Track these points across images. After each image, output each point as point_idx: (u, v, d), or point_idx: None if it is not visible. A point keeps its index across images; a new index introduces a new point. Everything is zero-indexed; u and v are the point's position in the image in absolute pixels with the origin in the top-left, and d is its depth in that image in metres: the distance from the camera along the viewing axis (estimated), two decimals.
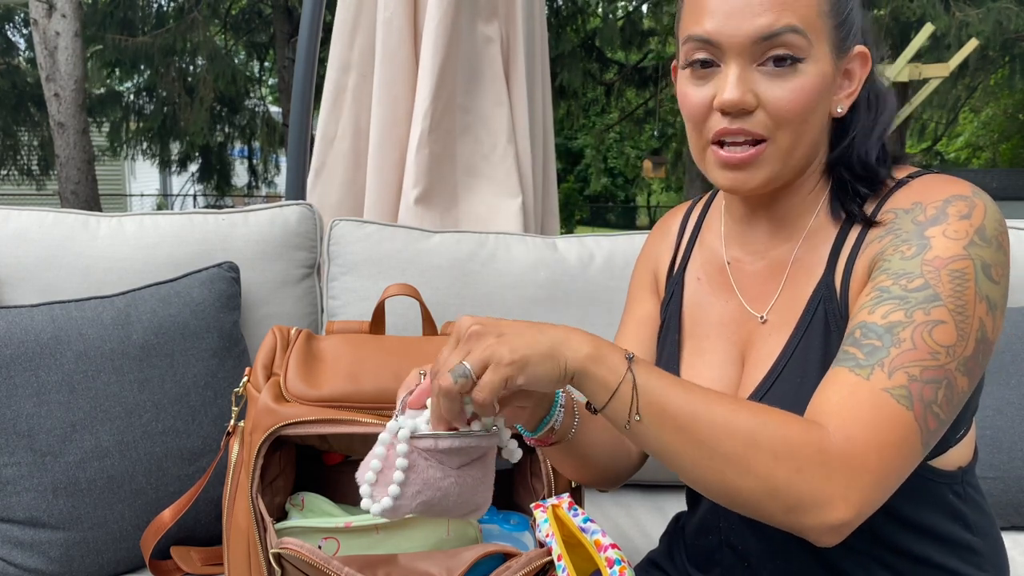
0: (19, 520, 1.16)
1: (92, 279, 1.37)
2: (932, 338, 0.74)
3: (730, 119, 0.81)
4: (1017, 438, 1.34)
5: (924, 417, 0.73)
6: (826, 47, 0.81)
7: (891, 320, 0.75)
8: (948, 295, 0.75)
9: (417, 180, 1.70)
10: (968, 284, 0.75)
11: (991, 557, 0.88)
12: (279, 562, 0.98)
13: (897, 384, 0.73)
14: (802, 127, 0.81)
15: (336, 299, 1.49)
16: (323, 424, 1.03)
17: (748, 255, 0.93)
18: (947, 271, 0.75)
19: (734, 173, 0.84)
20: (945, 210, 0.78)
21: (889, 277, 0.78)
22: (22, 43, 10.28)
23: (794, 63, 0.79)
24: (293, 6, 9.29)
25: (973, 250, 0.76)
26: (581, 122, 13.52)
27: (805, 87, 0.80)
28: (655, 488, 1.53)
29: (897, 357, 0.73)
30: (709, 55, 0.82)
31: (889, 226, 0.81)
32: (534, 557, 0.94)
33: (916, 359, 0.73)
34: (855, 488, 0.70)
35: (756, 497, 0.71)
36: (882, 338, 0.75)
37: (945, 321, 0.74)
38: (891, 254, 0.79)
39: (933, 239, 0.77)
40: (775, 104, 0.80)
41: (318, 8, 1.80)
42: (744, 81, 0.80)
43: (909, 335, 0.74)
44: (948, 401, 0.74)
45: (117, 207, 14.07)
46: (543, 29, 1.93)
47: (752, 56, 0.80)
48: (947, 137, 14.29)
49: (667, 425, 0.72)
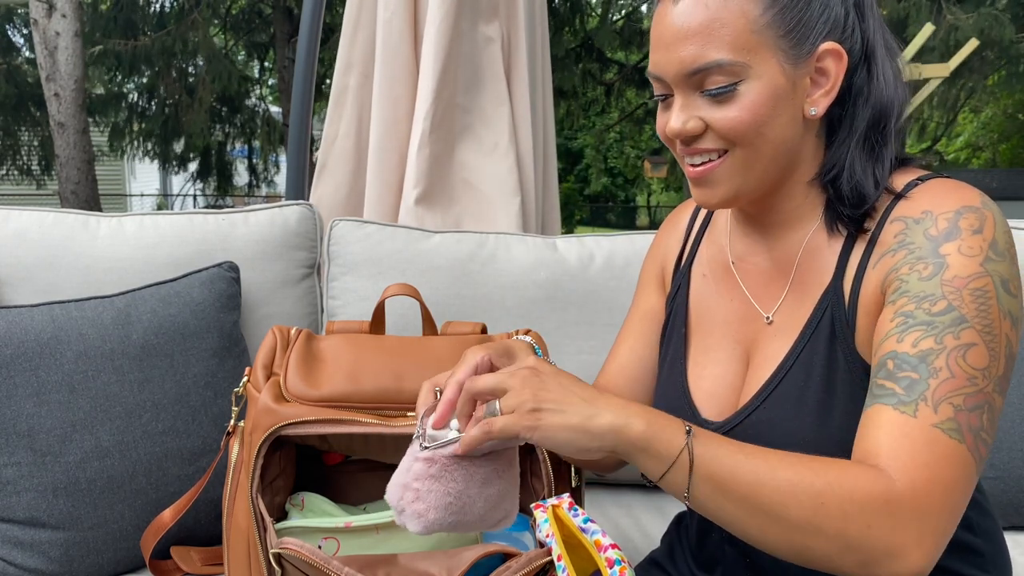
0: (19, 520, 1.16)
1: (92, 279, 1.37)
2: (967, 363, 0.74)
3: (683, 145, 0.85)
4: (1017, 438, 1.34)
5: (976, 447, 0.74)
6: (772, 60, 0.80)
7: (922, 348, 0.75)
8: (973, 315, 0.75)
9: (418, 180, 1.70)
10: (991, 303, 0.75)
11: (994, 559, 0.88)
12: (279, 562, 0.98)
13: (945, 418, 0.73)
14: (756, 139, 0.81)
15: (336, 299, 1.49)
16: (323, 424, 1.03)
17: (753, 254, 0.94)
18: (968, 291, 0.75)
19: (699, 189, 0.86)
20: (957, 223, 0.78)
21: (911, 301, 0.77)
22: (22, 43, 10.28)
23: (731, 88, 0.80)
24: (293, 6, 9.29)
25: (990, 266, 0.76)
26: (581, 122, 13.51)
27: (747, 106, 0.80)
28: (655, 488, 1.53)
29: (938, 388, 0.73)
30: (662, 89, 0.85)
31: (900, 238, 0.80)
32: (534, 557, 0.94)
33: (956, 388, 0.73)
34: (927, 533, 0.71)
35: (829, 556, 0.71)
36: (917, 369, 0.74)
37: (976, 344, 0.74)
38: (907, 273, 0.78)
39: (949, 256, 0.77)
40: (720, 126, 0.81)
41: (318, 8, 1.80)
42: (687, 109, 0.83)
43: (944, 363, 0.74)
44: (991, 424, 0.75)
45: (117, 207, 14.07)
46: (544, 29, 1.93)
47: (691, 85, 0.82)
48: (947, 137, 14.29)
49: (730, 495, 0.72)
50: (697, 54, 0.79)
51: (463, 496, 0.74)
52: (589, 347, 1.46)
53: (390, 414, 1.06)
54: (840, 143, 0.85)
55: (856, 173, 0.84)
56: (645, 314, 1.06)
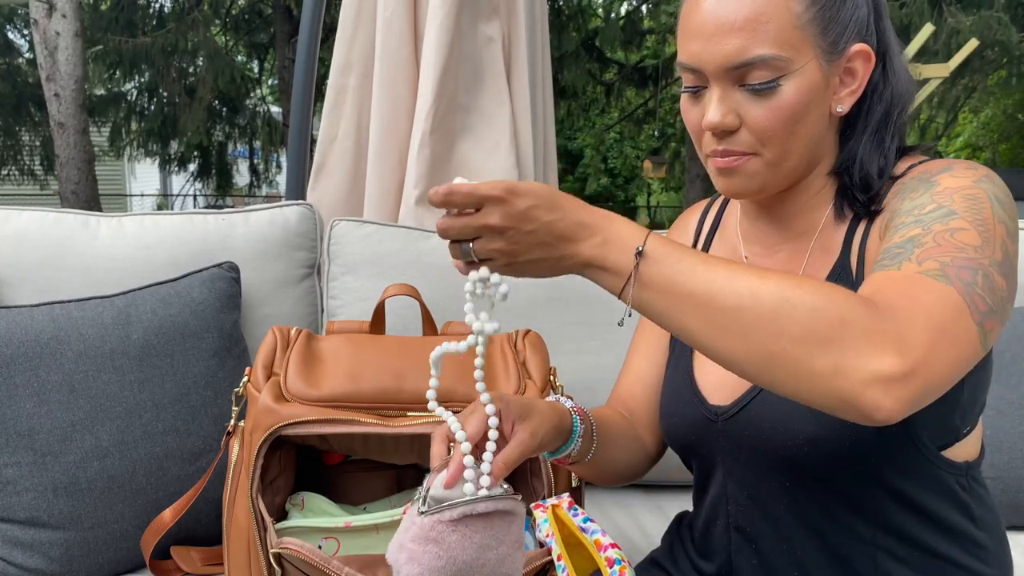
0: (19, 520, 1.16)
1: (92, 279, 1.37)
2: (955, 239, 0.72)
3: (716, 139, 0.84)
4: (1017, 438, 1.34)
5: (970, 296, 0.68)
6: (812, 56, 0.81)
7: (909, 235, 0.74)
8: (964, 210, 0.74)
9: (418, 180, 1.70)
10: (984, 205, 0.75)
11: (997, 554, 0.88)
12: (279, 562, 0.98)
13: (929, 268, 0.70)
14: (789, 140, 0.82)
15: (336, 299, 1.48)
16: (323, 424, 1.03)
17: (766, 249, 0.94)
18: (960, 195, 0.75)
19: (727, 179, 0.85)
20: (952, 164, 0.80)
21: (901, 215, 0.78)
22: (22, 43, 10.27)
23: (774, 83, 0.80)
24: (293, 6, 9.28)
25: (983, 184, 0.77)
26: (581, 122, 13.51)
27: (787, 103, 0.80)
28: (655, 488, 1.53)
29: (923, 252, 0.71)
30: (696, 81, 0.84)
31: (898, 193, 0.83)
32: (534, 557, 0.94)
33: (944, 251, 0.71)
34: (906, 336, 0.64)
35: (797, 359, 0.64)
36: (903, 247, 0.73)
37: (966, 228, 0.73)
38: (899, 205, 0.80)
39: (941, 179, 0.78)
40: (756, 124, 0.81)
41: (318, 8, 1.80)
42: (724, 102, 0.82)
43: (931, 239, 0.72)
44: (990, 289, 0.69)
45: (117, 207, 14.06)
46: (545, 28, 1.93)
47: (732, 79, 0.81)
48: (947, 137, 14.28)
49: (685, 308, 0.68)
50: (742, 47, 0.79)
51: (457, 561, 0.73)
52: (589, 347, 1.46)
53: (390, 414, 1.06)
54: (855, 137, 0.87)
55: (866, 164, 0.85)
56: None
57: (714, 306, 0.67)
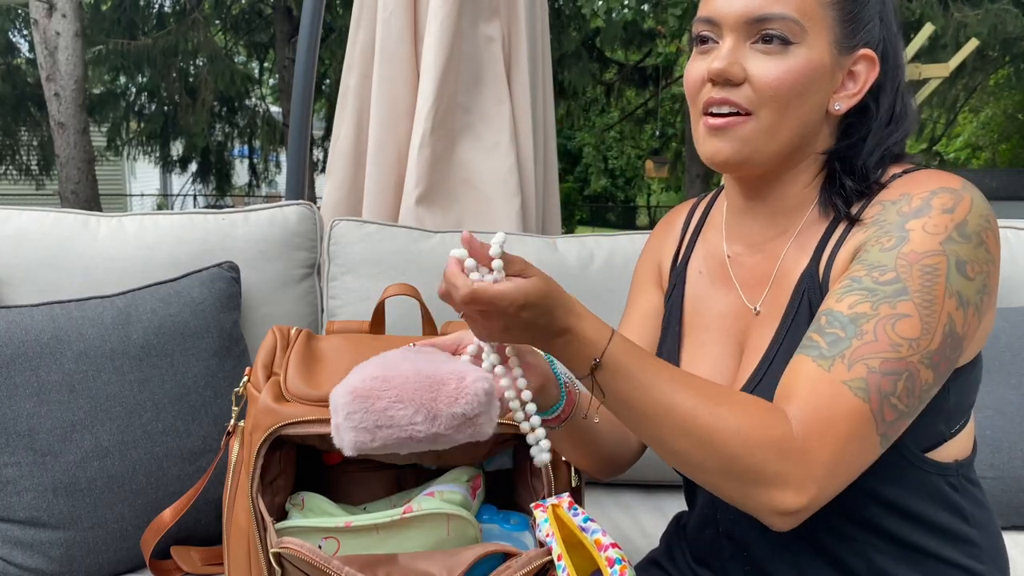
0: (19, 520, 1.16)
1: (92, 279, 1.37)
2: (895, 331, 0.75)
3: (717, 88, 0.85)
4: (1017, 438, 1.34)
5: (881, 410, 0.75)
6: (825, 38, 0.83)
7: (856, 311, 0.77)
8: (916, 289, 0.76)
9: (419, 180, 1.70)
10: (939, 279, 0.76)
11: (989, 550, 0.88)
12: (279, 562, 0.98)
13: (855, 376, 0.75)
14: (786, 108, 0.83)
15: (336, 299, 1.49)
16: (323, 424, 1.03)
17: (747, 248, 0.95)
18: (919, 266, 0.77)
19: (717, 141, 0.86)
20: (930, 202, 0.80)
21: (864, 267, 0.80)
22: (23, 43, 10.28)
23: (784, 43, 0.82)
24: (293, 6, 9.28)
25: (949, 246, 0.77)
26: (581, 122, 13.51)
27: (793, 68, 0.82)
28: (655, 488, 1.53)
29: (858, 349, 0.75)
30: (709, 32, 0.87)
31: (875, 218, 0.83)
32: (534, 557, 0.94)
33: (876, 351, 0.75)
34: (809, 479, 0.73)
35: (714, 469, 0.75)
36: (846, 328, 0.77)
37: (910, 315, 0.76)
38: (872, 245, 0.81)
39: (912, 232, 0.79)
40: (760, 79, 0.83)
41: (318, 8, 1.80)
42: (734, 53, 0.84)
43: (872, 328, 0.76)
44: (909, 392, 0.76)
45: (117, 207, 14.07)
46: (545, 28, 1.93)
47: (746, 34, 0.84)
48: (947, 137, 14.28)
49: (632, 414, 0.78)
50: (765, 2, 0.82)
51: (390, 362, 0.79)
52: None
53: None
54: (848, 140, 0.88)
55: (856, 169, 0.86)
56: (646, 315, 1.06)
57: (654, 426, 0.77)
